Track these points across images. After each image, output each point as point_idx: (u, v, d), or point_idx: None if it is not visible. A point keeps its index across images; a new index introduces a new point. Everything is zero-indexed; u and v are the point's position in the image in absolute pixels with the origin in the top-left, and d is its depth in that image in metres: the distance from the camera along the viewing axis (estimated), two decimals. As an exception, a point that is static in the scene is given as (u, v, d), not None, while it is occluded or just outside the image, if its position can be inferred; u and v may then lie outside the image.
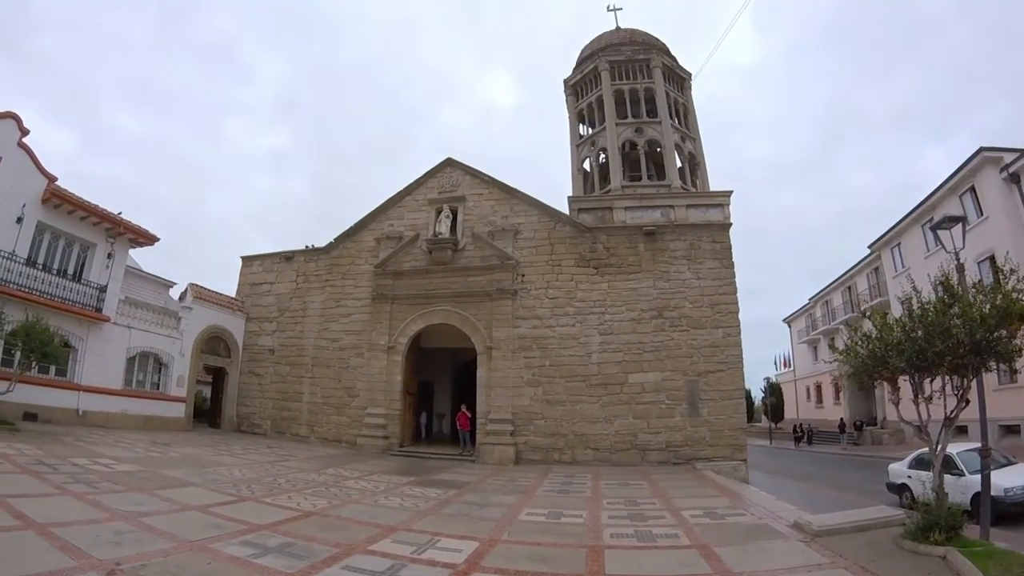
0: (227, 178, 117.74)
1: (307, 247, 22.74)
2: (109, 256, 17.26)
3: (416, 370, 21.11)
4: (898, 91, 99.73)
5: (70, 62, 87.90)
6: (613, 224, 19.54)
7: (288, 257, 22.69)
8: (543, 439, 17.65)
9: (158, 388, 19.01)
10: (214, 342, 21.29)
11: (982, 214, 22.15)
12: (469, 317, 19.25)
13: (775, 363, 50.40)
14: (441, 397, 25.63)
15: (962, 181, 23.23)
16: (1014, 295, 7.75)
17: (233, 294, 23.06)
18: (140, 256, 23.18)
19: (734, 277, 18.59)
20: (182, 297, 21.89)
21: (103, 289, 16.82)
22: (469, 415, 18.96)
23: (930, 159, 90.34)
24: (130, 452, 12.16)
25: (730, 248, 18.82)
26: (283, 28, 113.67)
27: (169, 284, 24.40)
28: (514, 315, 18.89)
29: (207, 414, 23.21)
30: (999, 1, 77.99)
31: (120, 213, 17.50)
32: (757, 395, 54.69)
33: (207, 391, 25.53)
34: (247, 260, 23.61)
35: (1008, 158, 21.05)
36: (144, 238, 18.35)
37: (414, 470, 14.52)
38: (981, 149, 22.10)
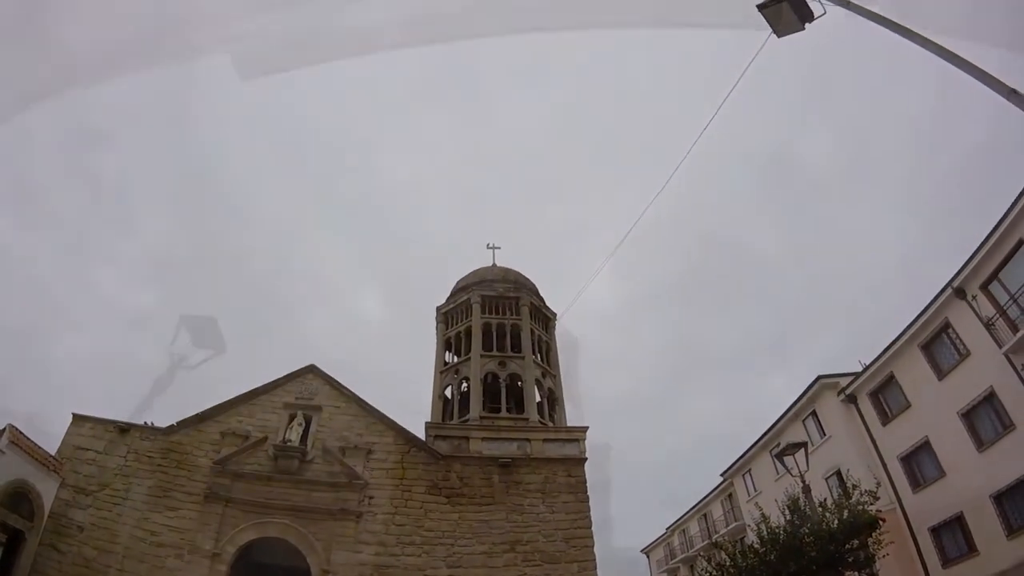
0: (80, 319, 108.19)
1: (146, 423, 20.81)
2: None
3: (240, 586, 18.81)
4: (743, 326, 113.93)
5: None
6: (469, 453, 19.95)
7: (124, 429, 20.49)
8: None
9: (-59, 537, 15.44)
10: (18, 499, 17.81)
11: (825, 434, 24.59)
12: (308, 535, 18.01)
13: (635, 594, 49.14)
14: (266, 620, 22.68)
15: (804, 407, 25.99)
16: (859, 508, 8.32)
17: (53, 451, 20.07)
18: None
19: (589, 511, 19.07)
20: (-4, 437, 18.75)
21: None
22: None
23: (776, 384, 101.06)
24: None
25: (585, 482, 19.43)
26: (177, 188, 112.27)
27: (-12, 420, 20.94)
28: (357, 539, 17.97)
29: (-8, 582, 19.05)
30: (824, 250, 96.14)
31: None
32: (619, 627, 53.00)
33: (-2, 555, 21.18)
34: (79, 419, 21.01)
35: (843, 382, 24.00)
36: (-22, 361, 15.98)
37: None
38: (819, 377, 25.04)
